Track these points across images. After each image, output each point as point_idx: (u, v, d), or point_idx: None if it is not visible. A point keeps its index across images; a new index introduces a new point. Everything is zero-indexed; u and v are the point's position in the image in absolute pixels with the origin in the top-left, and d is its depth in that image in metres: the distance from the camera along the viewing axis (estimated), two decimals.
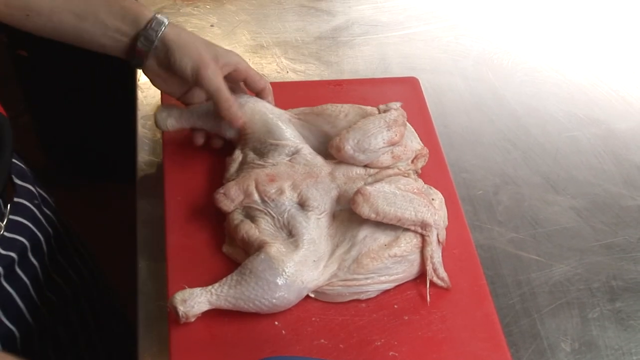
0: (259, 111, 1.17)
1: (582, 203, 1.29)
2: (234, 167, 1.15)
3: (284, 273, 1.02)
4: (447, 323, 1.07)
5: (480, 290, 1.11)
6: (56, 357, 1.26)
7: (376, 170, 1.15)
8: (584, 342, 1.11)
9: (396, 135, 1.15)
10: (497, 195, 1.30)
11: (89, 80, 2.06)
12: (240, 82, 1.20)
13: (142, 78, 1.42)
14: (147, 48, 1.12)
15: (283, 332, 1.04)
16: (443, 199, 1.14)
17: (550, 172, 1.34)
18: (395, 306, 1.08)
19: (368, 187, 1.07)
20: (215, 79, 1.13)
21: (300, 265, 1.04)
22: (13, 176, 1.19)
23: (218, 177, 1.13)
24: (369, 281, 1.07)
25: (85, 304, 1.34)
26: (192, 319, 1.02)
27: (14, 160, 1.22)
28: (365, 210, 1.06)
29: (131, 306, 1.13)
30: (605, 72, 1.54)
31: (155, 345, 1.05)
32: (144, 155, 1.30)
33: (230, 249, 1.11)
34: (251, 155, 1.15)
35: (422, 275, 1.11)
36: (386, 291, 1.09)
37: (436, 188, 1.17)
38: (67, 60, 1.96)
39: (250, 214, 1.11)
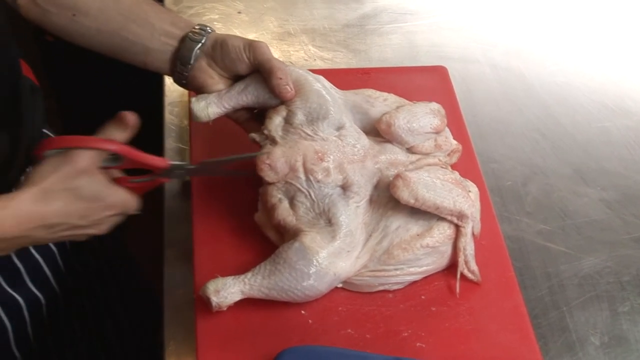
0: (307, 80, 1.13)
1: (612, 195, 1.28)
2: (277, 120, 1.10)
3: (317, 264, 1.02)
4: (475, 315, 1.06)
5: (508, 282, 1.10)
6: (80, 325, 1.28)
7: (417, 157, 1.14)
8: (614, 336, 1.10)
9: (441, 123, 1.15)
10: (525, 186, 1.28)
11: (115, 67, 2.06)
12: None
13: None
14: (196, 43, 1.10)
15: (310, 321, 1.03)
16: (478, 193, 1.13)
17: (580, 163, 1.32)
18: (423, 297, 1.07)
19: (408, 173, 1.06)
20: (269, 49, 1.11)
21: (333, 257, 1.03)
22: None
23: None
24: (398, 272, 1.06)
25: (110, 276, 1.35)
26: (225, 309, 1.02)
27: (45, 130, 1.23)
28: (404, 195, 1.04)
29: (157, 292, 1.13)
30: (637, 63, 1.52)
31: (181, 333, 1.05)
32: (171, 142, 1.29)
33: (261, 219, 1.10)
34: (300, 118, 1.10)
35: (450, 266, 1.10)
36: (414, 282, 1.09)
37: (464, 177, 1.16)
38: None
39: (290, 193, 1.08)
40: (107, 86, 2.10)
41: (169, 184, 1.22)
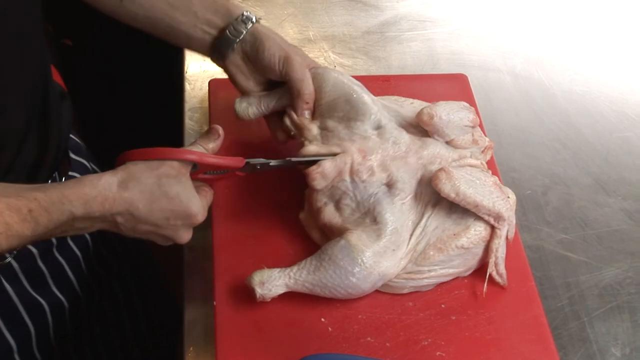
0: (340, 81, 1.15)
1: (633, 205, 1.27)
2: (315, 130, 1.13)
3: (362, 263, 1.02)
4: (495, 324, 1.05)
5: (528, 292, 1.09)
6: (101, 329, 1.29)
7: (458, 153, 1.14)
8: (635, 347, 1.09)
9: (475, 117, 1.16)
10: (546, 196, 1.28)
11: (134, 72, 2.07)
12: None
13: (189, 69, 1.42)
14: (234, 39, 1.13)
15: (329, 329, 1.03)
16: (515, 200, 1.13)
17: (601, 173, 1.32)
18: (443, 305, 1.07)
19: (452, 168, 1.07)
20: (303, 68, 1.13)
21: (379, 256, 1.04)
22: (69, 150, 1.22)
23: None
24: (431, 274, 1.07)
25: (132, 280, 1.37)
26: (268, 300, 1.02)
27: (72, 136, 1.25)
28: (446, 188, 1.05)
29: (178, 296, 1.13)
30: None
31: (201, 338, 1.05)
32: None
33: (307, 219, 1.12)
34: (332, 123, 1.12)
35: (472, 274, 1.10)
36: (433, 290, 1.08)
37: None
38: (112, 51, 1.96)
39: (335, 196, 1.09)
40: (127, 91, 2.11)
41: None
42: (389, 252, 1.05)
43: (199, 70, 1.42)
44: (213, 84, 1.33)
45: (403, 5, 1.62)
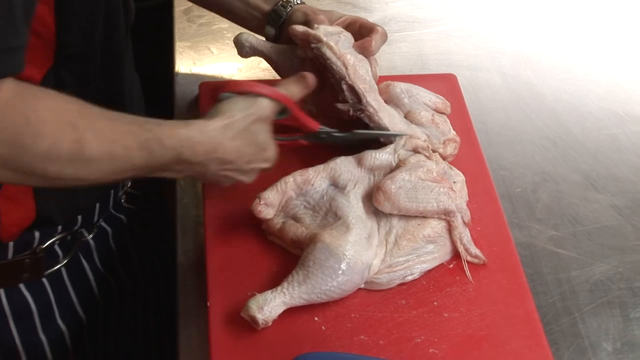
0: None
1: (622, 201, 1.28)
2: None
3: (345, 257, 1.03)
4: (487, 320, 1.06)
5: (520, 288, 1.10)
6: (142, 311, 1.33)
7: (412, 128, 1.17)
8: (626, 342, 1.10)
9: (442, 103, 1.22)
10: (536, 193, 1.29)
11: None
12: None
13: (179, 72, 1.42)
14: (275, 23, 1.22)
15: (323, 327, 1.04)
16: (464, 179, 1.16)
17: (590, 170, 1.33)
18: (435, 303, 1.08)
19: (389, 183, 1.08)
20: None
21: (356, 246, 1.05)
22: None
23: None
24: (410, 263, 1.09)
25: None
26: (270, 324, 1.02)
27: None
28: (387, 208, 1.08)
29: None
30: None
31: (195, 340, 1.05)
32: None
33: (275, 240, 1.12)
34: None
35: (462, 272, 1.11)
36: (425, 288, 1.09)
37: (474, 184, 1.18)
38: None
39: (289, 213, 1.11)
40: None
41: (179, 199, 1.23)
42: (363, 240, 1.06)
43: (189, 73, 1.42)
44: (204, 86, 1.34)
45: (392, 6, 1.63)
